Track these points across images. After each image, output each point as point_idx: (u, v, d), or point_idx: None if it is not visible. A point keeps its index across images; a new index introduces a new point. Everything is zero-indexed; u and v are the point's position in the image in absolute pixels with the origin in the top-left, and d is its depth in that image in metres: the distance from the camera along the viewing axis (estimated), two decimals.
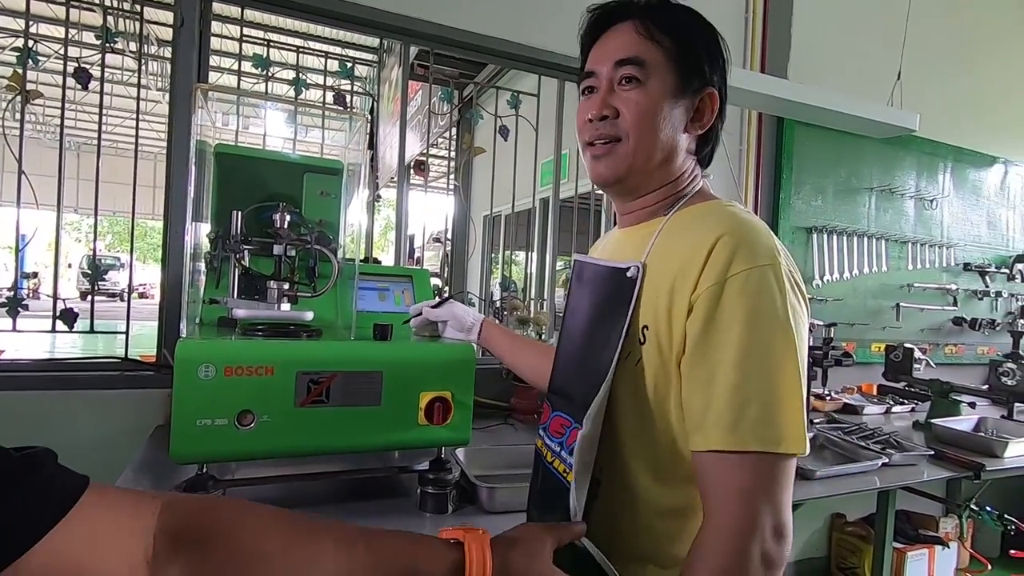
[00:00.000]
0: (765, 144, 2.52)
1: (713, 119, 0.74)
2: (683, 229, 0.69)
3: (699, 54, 0.72)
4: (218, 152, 1.21)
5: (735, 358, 0.60)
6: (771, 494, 0.59)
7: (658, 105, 0.70)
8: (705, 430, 0.61)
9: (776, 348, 0.60)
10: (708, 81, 0.72)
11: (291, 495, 1.12)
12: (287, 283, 1.10)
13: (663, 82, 0.70)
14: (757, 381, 0.59)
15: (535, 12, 2.05)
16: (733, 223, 0.65)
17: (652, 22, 0.71)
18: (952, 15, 2.95)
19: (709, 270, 0.62)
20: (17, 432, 1.43)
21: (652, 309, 0.67)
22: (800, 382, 0.61)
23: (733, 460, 0.60)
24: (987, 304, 3.11)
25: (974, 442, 1.80)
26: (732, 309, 0.61)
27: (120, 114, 11.50)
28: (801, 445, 0.60)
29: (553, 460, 0.76)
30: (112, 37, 1.60)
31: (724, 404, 0.60)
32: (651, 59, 0.70)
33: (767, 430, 0.59)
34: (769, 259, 0.62)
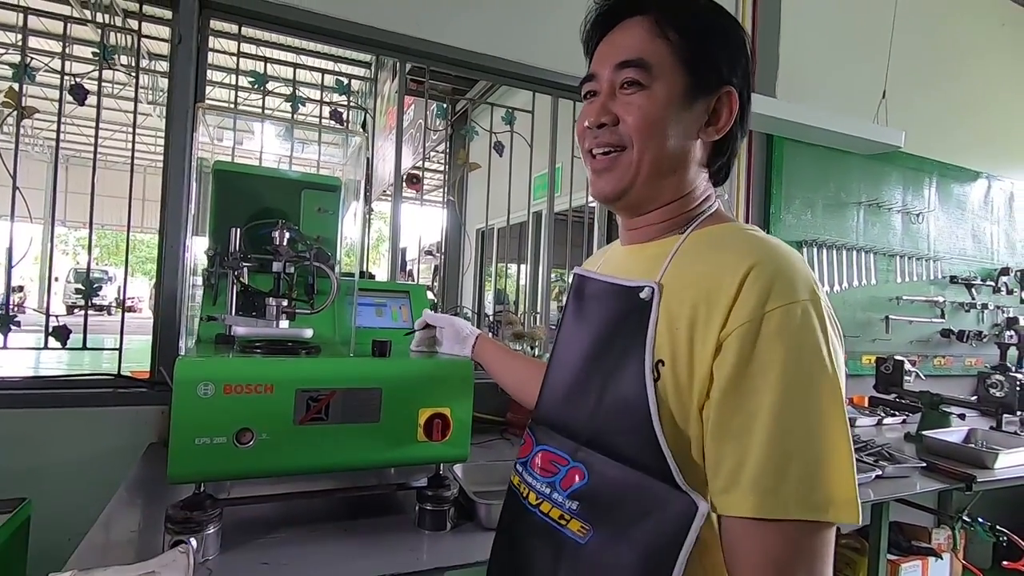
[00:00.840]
0: (755, 159, 2.57)
1: (731, 122, 0.66)
2: (703, 252, 0.61)
3: (715, 49, 0.64)
4: (216, 169, 1.22)
5: (774, 408, 0.51)
6: (811, 569, 0.51)
7: (665, 110, 0.63)
8: (739, 492, 0.51)
9: (821, 396, 0.52)
10: (726, 79, 0.65)
11: (288, 513, 1.11)
12: (286, 300, 1.10)
13: (671, 84, 0.63)
14: (800, 435, 0.51)
15: (529, 30, 2.09)
16: (765, 250, 0.56)
17: (662, 16, 0.64)
18: (933, 34, 3.02)
19: (742, 305, 0.53)
20: (8, 451, 1.41)
21: (669, 342, 0.57)
22: (847, 435, 0.52)
23: (770, 528, 0.50)
24: (974, 316, 3.16)
25: (965, 454, 1.82)
26: (770, 351, 0.52)
27: (109, 127, 11.47)
28: (853, 512, 0.50)
29: (540, 502, 0.66)
30: (109, 54, 1.60)
31: (762, 462, 0.50)
32: (657, 59, 0.63)
33: (812, 493, 0.50)
34: (809, 293, 0.54)
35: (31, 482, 1.40)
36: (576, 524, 0.61)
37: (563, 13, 2.14)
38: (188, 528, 0.90)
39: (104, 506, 1.09)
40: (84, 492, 1.37)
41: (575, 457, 0.63)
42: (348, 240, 1.31)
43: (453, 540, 1.07)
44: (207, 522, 0.92)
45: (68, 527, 1.17)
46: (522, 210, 2.36)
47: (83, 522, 1.02)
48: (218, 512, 0.94)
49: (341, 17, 1.78)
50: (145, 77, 6.70)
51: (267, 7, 1.69)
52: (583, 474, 0.62)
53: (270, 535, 1.02)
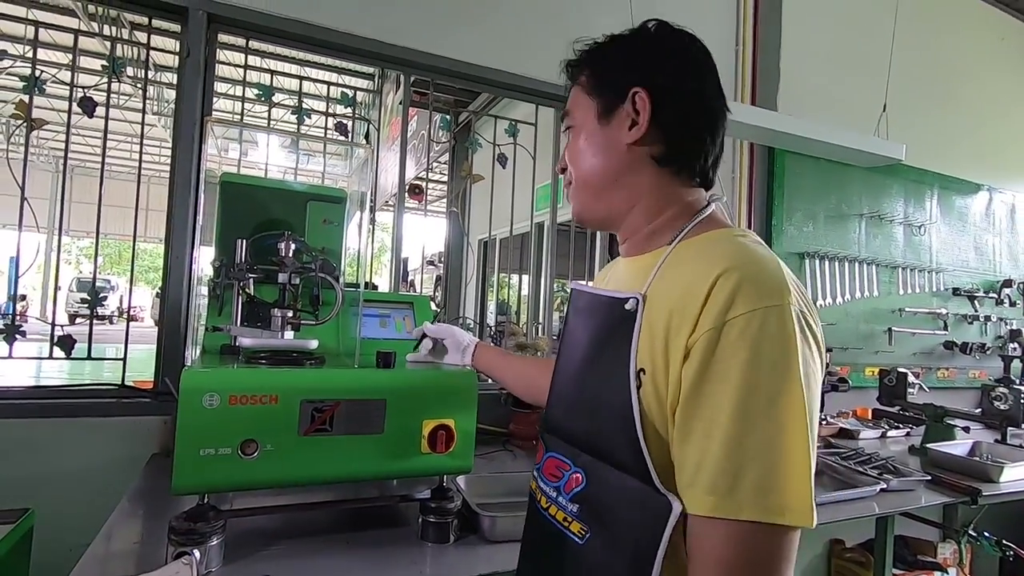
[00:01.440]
0: (757, 171, 2.58)
1: (647, 117, 0.67)
2: (685, 261, 0.63)
3: (612, 66, 0.71)
4: (223, 181, 1.23)
5: (734, 411, 0.52)
6: (767, 571, 0.52)
7: (587, 135, 0.72)
8: (698, 491, 0.53)
9: (781, 401, 0.52)
10: (632, 83, 0.68)
11: (291, 525, 1.11)
12: (291, 311, 1.10)
13: (587, 113, 0.72)
14: (759, 440, 0.52)
15: (531, 43, 2.11)
16: (737, 256, 0.58)
17: (573, 73, 0.75)
18: (933, 49, 3.05)
19: (708, 311, 0.55)
20: (11, 461, 1.41)
21: (649, 351, 0.60)
22: (809, 443, 0.52)
23: (723, 529, 0.52)
24: (977, 328, 3.15)
25: (970, 467, 1.81)
26: (731, 357, 0.53)
27: (113, 137, 11.56)
28: (808, 517, 0.51)
29: (549, 506, 0.70)
30: (118, 68, 1.62)
31: (719, 464, 0.52)
32: (574, 102, 0.75)
33: (767, 497, 0.51)
34: (776, 299, 0.54)
35: (34, 492, 1.40)
36: (576, 526, 0.65)
37: (564, 26, 2.17)
38: (192, 539, 0.90)
39: (107, 517, 1.09)
40: (87, 503, 1.37)
41: (576, 463, 0.67)
42: (351, 250, 1.31)
43: (456, 553, 1.07)
44: (210, 533, 0.92)
45: (70, 538, 1.17)
46: (525, 221, 2.37)
47: (85, 533, 1.02)
48: (221, 523, 0.94)
49: (346, 31, 1.80)
50: (152, 88, 6.77)
51: (274, 21, 1.71)
52: (582, 479, 0.66)
53: (273, 547, 1.02)
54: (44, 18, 5.04)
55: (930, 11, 3.04)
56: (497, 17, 2.07)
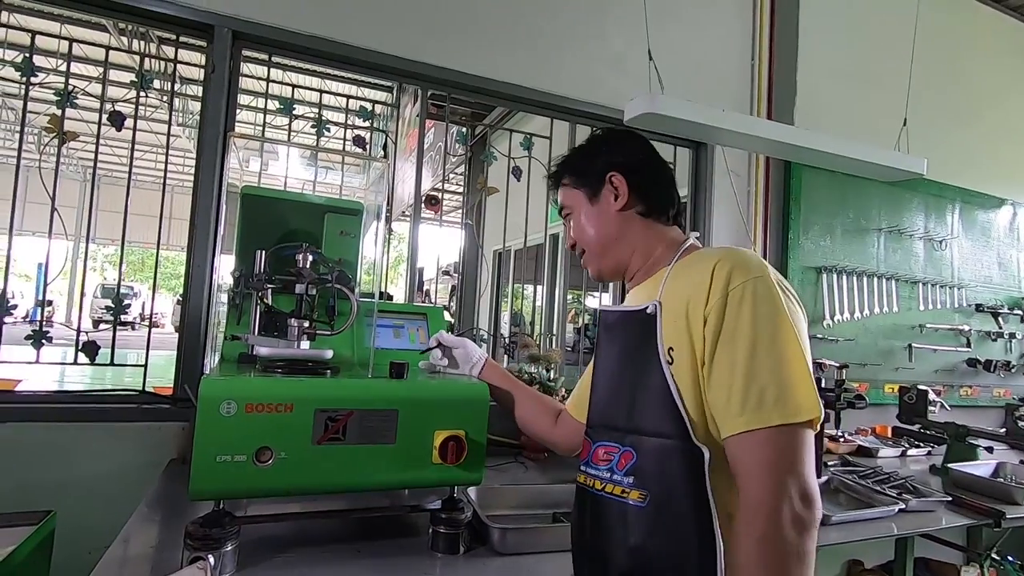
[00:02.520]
0: (773, 185, 2.57)
1: (627, 191, 0.93)
2: (686, 270, 0.84)
3: (587, 165, 0.98)
4: (244, 194, 1.26)
5: (747, 352, 0.72)
6: (795, 464, 0.68)
7: (585, 215, 0.97)
8: (731, 416, 0.71)
9: (779, 337, 0.72)
10: (605, 171, 0.95)
11: (304, 533, 1.12)
12: (307, 321, 1.12)
13: (579, 202, 0.98)
14: (769, 368, 0.71)
15: (547, 58, 2.14)
16: (724, 251, 0.81)
17: (557, 179, 1.03)
18: (955, 62, 3.02)
19: (714, 287, 0.76)
20: (36, 463, 1.45)
21: (673, 332, 0.79)
22: (804, 356, 0.72)
23: (759, 437, 0.69)
24: (1001, 345, 3.08)
25: (994, 488, 1.76)
26: (738, 313, 0.73)
27: (140, 147, 11.86)
28: (817, 410, 0.70)
29: (604, 486, 0.83)
30: (147, 83, 1.67)
31: (745, 391, 0.70)
32: (566, 197, 1.01)
33: (786, 405, 0.69)
34: (759, 272, 0.76)
35: (56, 495, 1.44)
36: (635, 494, 0.78)
37: (580, 42, 2.19)
38: (207, 545, 0.91)
39: (125, 521, 1.11)
40: (107, 506, 1.40)
41: (624, 443, 0.82)
42: (367, 259, 1.33)
43: (466, 565, 1.07)
44: (225, 539, 0.93)
45: (90, 541, 1.19)
46: (539, 232, 2.38)
47: (105, 536, 1.04)
48: (236, 530, 0.95)
49: (366, 47, 1.84)
50: (178, 101, 6.95)
51: (296, 38, 1.75)
52: (632, 455, 0.80)
53: (286, 554, 1.03)
54: (77, 33, 5.17)
55: (951, 25, 3.01)
56: (513, 33, 2.10)
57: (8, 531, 1.13)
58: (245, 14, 1.68)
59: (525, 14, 2.12)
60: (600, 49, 2.22)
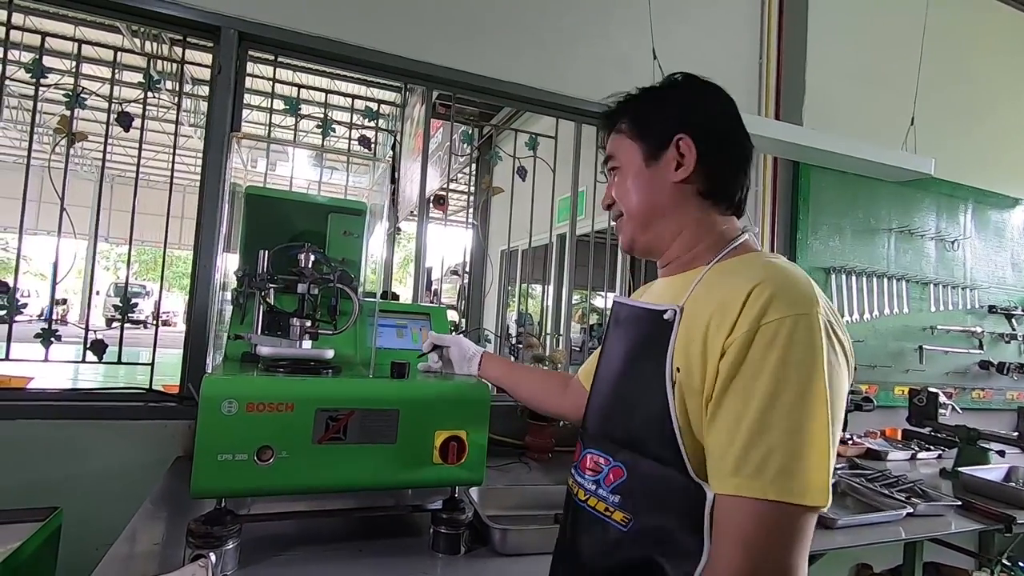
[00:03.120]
0: (781, 185, 2.54)
1: (694, 159, 0.77)
2: (721, 278, 0.71)
3: (653, 118, 0.81)
4: (248, 193, 1.27)
5: (762, 403, 0.59)
6: (780, 550, 0.57)
7: (634, 175, 0.81)
8: (725, 473, 0.60)
9: (806, 398, 0.58)
10: (673, 131, 0.78)
11: (305, 531, 1.12)
12: (309, 320, 1.13)
13: (632, 158, 0.82)
14: (783, 430, 0.58)
15: (553, 59, 2.13)
16: (770, 273, 0.65)
17: (611, 122, 0.85)
18: (966, 61, 2.97)
19: (744, 317, 0.62)
20: (44, 460, 1.47)
21: (684, 353, 0.67)
22: (828, 436, 0.58)
23: (748, 507, 0.58)
24: (1015, 347, 3.03)
25: (1005, 493, 1.73)
26: (763, 356, 0.60)
27: (152, 147, 11.99)
28: (823, 498, 0.57)
29: (588, 498, 0.76)
30: (154, 84, 1.69)
31: (746, 448, 0.59)
32: (617, 146, 0.84)
33: (790, 481, 0.57)
34: (805, 308, 0.61)
35: (63, 491, 1.45)
36: (619, 515, 0.71)
37: (586, 42, 2.18)
38: (208, 543, 0.92)
39: (131, 517, 1.13)
40: (113, 503, 1.42)
41: (616, 458, 0.73)
42: (374, 258, 1.34)
43: (466, 565, 1.07)
44: (227, 537, 0.94)
45: (96, 537, 1.21)
46: (545, 232, 2.37)
47: (111, 532, 1.05)
48: (237, 528, 0.96)
49: (371, 47, 1.84)
50: (188, 101, 7.02)
51: (302, 39, 1.76)
52: (622, 472, 0.72)
53: (287, 552, 1.03)
54: (90, 34, 5.21)
55: (963, 22, 2.96)
56: (519, 33, 2.09)
57: (15, 527, 1.15)
58: (251, 15, 1.69)
59: (531, 14, 2.11)
60: (606, 49, 2.21)
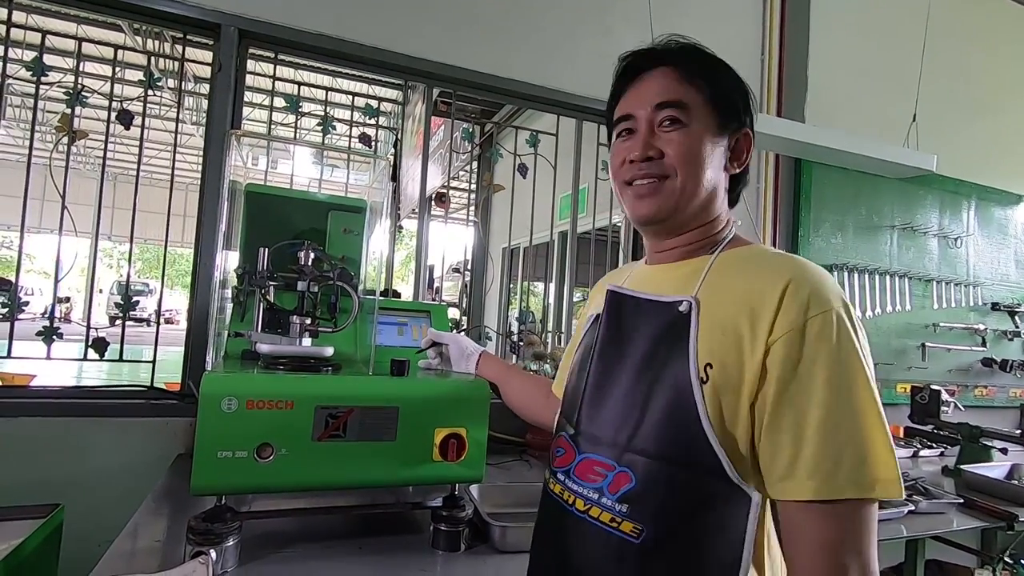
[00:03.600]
0: (783, 181, 2.53)
1: (749, 159, 0.77)
2: (739, 269, 0.69)
3: (734, 97, 0.76)
4: (248, 191, 1.27)
5: (825, 403, 0.58)
6: (859, 545, 0.57)
7: (702, 144, 0.72)
8: (797, 479, 0.58)
9: (860, 389, 0.59)
10: (744, 123, 0.76)
11: (305, 529, 1.13)
12: (309, 318, 1.13)
13: (704, 123, 0.73)
14: (848, 426, 0.58)
15: (554, 55, 2.12)
16: (799, 267, 0.65)
17: (689, 67, 0.74)
18: (970, 57, 2.96)
19: (785, 314, 0.61)
20: (46, 458, 1.47)
21: (716, 347, 0.64)
22: (884, 423, 0.59)
23: (824, 510, 0.57)
24: (1018, 345, 3.02)
25: (1007, 491, 1.73)
26: (815, 352, 0.59)
27: (154, 146, 12.01)
28: (897, 487, 0.58)
29: (589, 508, 0.70)
30: (155, 82, 1.69)
31: (819, 451, 0.57)
32: (691, 101, 0.73)
33: (864, 476, 0.57)
34: (841, 303, 0.62)
35: (65, 488, 1.46)
36: (628, 525, 0.65)
37: (586, 39, 2.18)
38: (208, 540, 0.92)
39: (132, 514, 1.13)
40: (114, 500, 1.42)
41: (620, 462, 0.68)
42: (375, 255, 1.34)
43: (466, 562, 1.07)
44: (227, 534, 0.94)
45: (98, 533, 1.21)
46: (547, 230, 2.37)
47: (112, 529, 1.06)
48: (238, 525, 0.96)
49: (372, 45, 1.84)
50: (190, 99, 7.02)
51: (303, 36, 1.76)
52: (629, 478, 0.66)
53: (287, 550, 1.04)
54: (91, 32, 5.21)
55: (964, 18, 2.94)
56: (520, 30, 2.09)
57: (17, 524, 1.16)
58: (251, 13, 1.69)
59: (531, 11, 2.11)
60: (607, 45, 2.20)
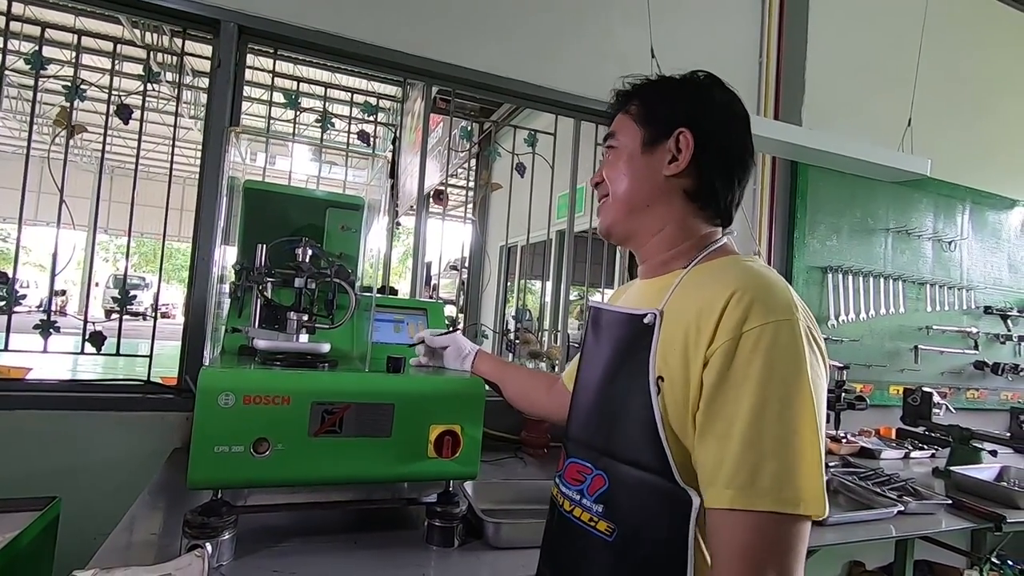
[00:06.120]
0: (779, 183, 2.55)
1: (688, 157, 0.75)
2: (699, 282, 0.70)
3: (662, 104, 0.79)
4: (247, 188, 1.27)
5: (750, 413, 0.58)
6: (779, 560, 0.57)
7: (628, 158, 0.80)
8: (718, 487, 0.59)
9: (793, 405, 0.58)
10: (677, 123, 0.76)
11: (301, 523, 1.14)
12: (306, 314, 1.14)
13: (632, 139, 0.80)
14: (774, 438, 0.58)
15: (552, 55, 2.13)
16: (748, 277, 0.65)
17: (625, 101, 0.83)
18: (967, 60, 2.97)
19: (724, 324, 0.62)
20: (43, 451, 1.48)
21: (666, 360, 0.66)
22: (818, 441, 0.58)
23: (745, 520, 0.58)
24: (1010, 348, 3.05)
25: (995, 492, 1.75)
26: (747, 364, 0.60)
27: (152, 139, 11.97)
28: (820, 507, 0.57)
29: (572, 508, 0.75)
30: (154, 76, 1.69)
31: (738, 460, 0.58)
32: (620, 126, 0.82)
33: (783, 490, 0.57)
34: (785, 314, 0.61)
35: (62, 481, 1.47)
36: (603, 524, 0.70)
37: (585, 39, 2.18)
38: (204, 533, 0.93)
39: (129, 507, 1.14)
40: (111, 493, 1.43)
41: (597, 465, 0.72)
42: (372, 252, 1.34)
43: (460, 558, 1.08)
44: (223, 528, 0.95)
45: (94, 526, 1.22)
46: (544, 229, 2.38)
47: (109, 522, 1.06)
48: (234, 519, 0.97)
49: (371, 42, 1.85)
50: (189, 93, 7.00)
51: (302, 33, 1.76)
52: (604, 480, 0.71)
53: (282, 544, 1.05)
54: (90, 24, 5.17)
55: (961, 21, 2.96)
56: (520, 29, 2.09)
57: (14, 516, 1.16)
58: (251, 9, 1.69)
59: (531, 11, 2.11)
60: (606, 45, 2.21)
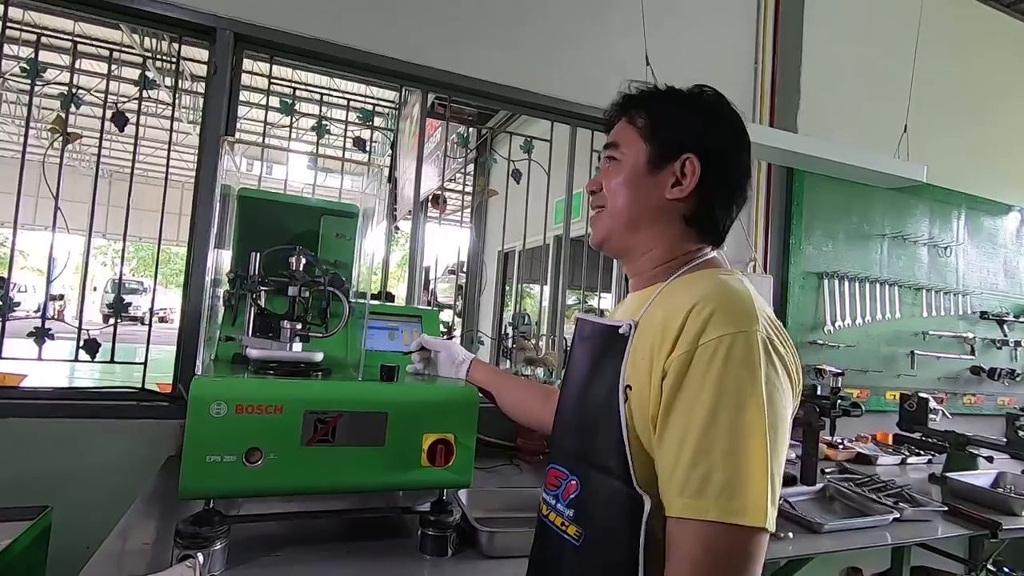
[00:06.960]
0: (775, 190, 2.56)
1: (693, 183, 0.75)
2: (673, 293, 0.72)
3: (671, 124, 0.78)
4: (241, 196, 1.27)
5: (703, 423, 0.59)
6: (726, 571, 0.58)
7: (631, 175, 0.78)
8: (671, 495, 0.61)
9: (745, 415, 0.59)
10: (685, 148, 0.76)
11: (293, 533, 1.13)
12: (300, 323, 1.13)
13: (637, 155, 0.78)
14: (722, 450, 0.58)
15: (548, 62, 2.14)
16: (713, 290, 0.66)
17: (630, 108, 0.81)
18: (961, 67, 2.99)
19: (684, 336, 0.63)
20: (35, 459, 1.47)
21: (636, 371, 0.68)
22: (766, 455, 0.59)
23: (693, 528, 0.59)
24: (1006, 354, 3.05)
25: (991, 499, 1.75)
26: (703, 375, 0.61)
27: (150, 144, 11.97)
28: (762, 517, 0.57)
29: (548, 513, 0.77)
30: (150, 84, 1.70)
31: (690, 469, 0.59)
32: (624, 138, 0.80)
33: (730, 501, 0.57)
34: (743, 326, 0.62)
35: (55, 489, 1.46)
36: (573, 529, 0.72)
37: (581, 46, 2.19)
38: (196, 543, 0.92)
39: (122, 516, 1.13)
40: (104, 501, 1.42)
41: (574, 471, 0.75)
42: (368, 257, 1.34)
43: (453, 567, 1.08)
44: (215, 538, 0.94)
45: (87, 535, 1.21)
46: (539, 234, 2.39)
47: (101, 530, 1.06)
48: (226, 529, 0.97)
49: (368, 50, 1.85)
50: (187, 98, 7.00)
51: (298, 40, 1.77)
52: (577, 486, 0.73)
53: (275, 553, 1.04)
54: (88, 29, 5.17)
55: (956, 28, 2.98)
56: (516, 37, 2.10)
57: (5, 525, 1.16)
58: (247, 17, 1.70)
59: (526, 18, 2.12)
60: (601, 53, 2.22)
